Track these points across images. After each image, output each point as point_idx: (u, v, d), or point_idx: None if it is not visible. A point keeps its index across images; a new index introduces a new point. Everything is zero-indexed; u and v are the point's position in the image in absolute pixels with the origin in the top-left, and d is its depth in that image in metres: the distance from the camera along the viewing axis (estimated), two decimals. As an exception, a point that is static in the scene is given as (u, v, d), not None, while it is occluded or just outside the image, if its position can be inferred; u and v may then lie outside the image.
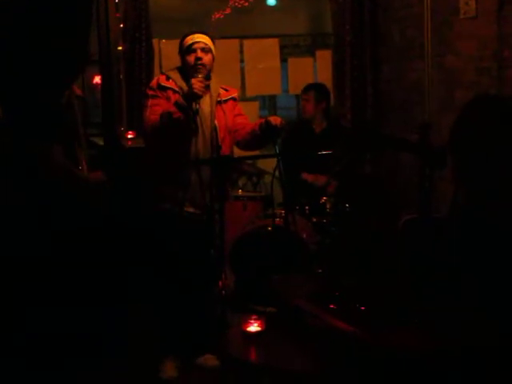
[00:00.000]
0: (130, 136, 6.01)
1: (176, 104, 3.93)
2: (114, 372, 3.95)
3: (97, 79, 6.46)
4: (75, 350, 2.91)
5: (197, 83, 3.91)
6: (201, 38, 4.12)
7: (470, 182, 2.76)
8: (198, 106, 4.01)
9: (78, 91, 3.16)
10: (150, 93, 4.13)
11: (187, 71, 4.13)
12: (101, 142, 5.76)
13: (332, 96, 6.56)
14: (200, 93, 3.92)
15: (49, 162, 2.57)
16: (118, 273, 4.11)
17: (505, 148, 2.70)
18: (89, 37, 2.71)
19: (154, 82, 4.20)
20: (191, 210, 4.13)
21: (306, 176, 5.73)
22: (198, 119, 4.06)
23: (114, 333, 3.90)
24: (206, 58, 4.10)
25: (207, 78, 4.10)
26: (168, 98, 4.07)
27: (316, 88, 5.94)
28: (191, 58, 4.09)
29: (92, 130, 5.87)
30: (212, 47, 4.15)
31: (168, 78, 4.16)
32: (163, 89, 4.11)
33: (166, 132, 3.96)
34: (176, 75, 4.17)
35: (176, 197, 4.08)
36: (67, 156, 2.74)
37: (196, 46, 4.10)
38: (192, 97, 3.92)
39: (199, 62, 4.07)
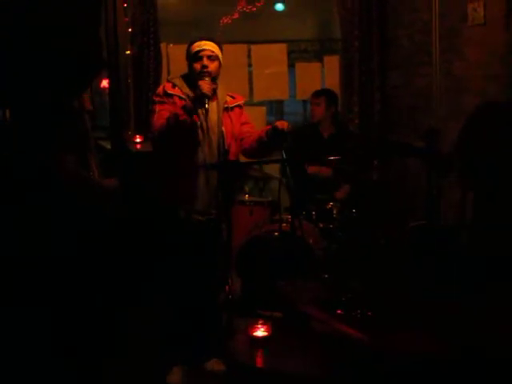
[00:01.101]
0: (137, 140, 6.01)
1: (183, 108, 3.93)
2: (117, 374, 3.93)
3: (104, 83, 6.47)
4: (76, 349, 2.90)
5: (205, 84, 3.92)
6: (208, 46, 4.11)
7: (477, 187, 2.76)
8: (207, 106, 4.01)
9: (89, 106, 3.15)
10: (157, 99, 4.14)
11: (193, 78, 4.12)
12: (108, 146, 5.77)
13: (339, 101, 6.57)
14: (209, 93, 3.92)
15: (59, 167, 2.57)
16: (123, 275, 4.10)
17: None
18: (98, 40, 2.71)
19: (160, 90, 4.20)
20: (198, 215, 4.13)
21: (309, 169, 5.75)
22: (205, 126, 4.07)
23: (116, 333, 3.89)
24: (212, 66, 4.09)
25: (213, 82, 4.10)
26: (174, 104, 4.08)
27: (327, 93, 5.97)
28: (197, 66, 4.09)
29: (99, 134, 5.88)
30: (219, 54, 4.14)
31: (174, 86, 4.15)
32: (169, 96, 4.11)
33: (172, 134, 3.96)
34: (181, 83, 4.17)
35: (183, 202, 4.09)
36: (80, 163, 2.73)
37: (202, 53, 4.09)
38: (201, 98, 3.92)
39: (205, 70, 4.07)
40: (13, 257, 2.44)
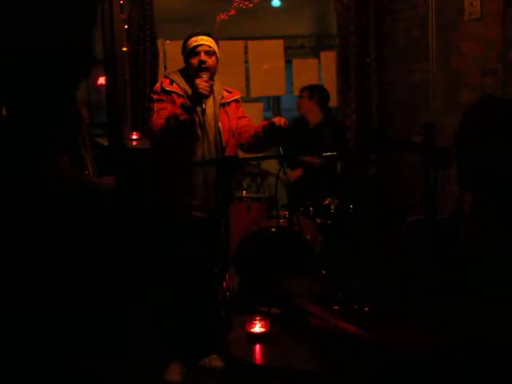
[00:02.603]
0: (134, 137, 6.01)
1: (182, 106, 3.91)
2: (116, 373, 3.94)
3: (101, 80, 6.47)
4: (78, 350, 2.91)
5: (201, 83, 3.90)
6: (205, 41, 4.09)
7: (474, 184, 2.75)
8: (204, 105, 4.01)
9: (86, 118, 3.13)
10: (155, 97, 4.11)
11: (191, 73, 4.11)
12: (105, 143, 5.77)
13: (336, 97, 6.59)
14: (206, 92, 3.91)
15: (52, 166, 2.56)
16: (122, 274, 4.11)
17: (509, 150, 2.69)
18: (92, 38, 2.71)
19: (157, 86, 4.17)
20: (196, 211, 4.13)
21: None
22: (202, 122, 4.06)
23: (115, 333, 3.89)
24: (210, 61, 4.08)
25: (211, 78, 4.09)
26: (173, 102, 4.06)
27: (309, 87, 6.16)
28: (195, 61, 4.07)
29: (96, 131, 5.88)
30: (216, 49, 4.13)
31: (172, 82, 4.14)
32: (168, 93, 4.10)
33: (173, 134, 3.94)
34: (179, 78, 4.15)
35: (181, 199, 4.08)
36: (74, 160, 2.73)
37: (200, 48, 4.07)
38: (198, 97, 3.91)
39: (203, 66, 4.05)
40: (7, 256, 2.44)
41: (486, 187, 2.79)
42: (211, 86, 4.05)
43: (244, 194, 5.81)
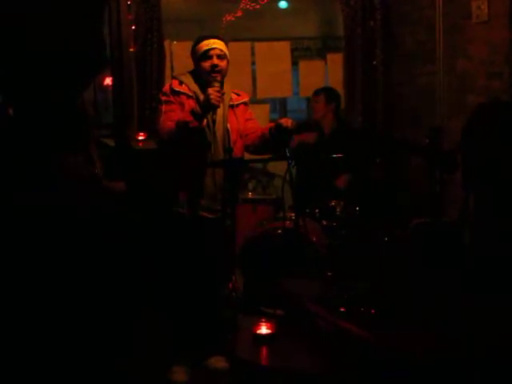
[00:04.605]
0: (140, 137, 6.01)
1: (192, 113, 3.91)
2: (123, 373, 3.94)
3: (108, 81, 6.47)
4: (84, 350, 2.91)
5: (214, 93, 3.88)
6: (217, 44, 4.09)
7: (479, 186, 2.76)
8: (215, 116, 4.02)
9: (92, 111, 3.14)
10: (164, 98, 4.11)
11: (202, 76, 4.11)
12: (111, 144, 5.78)
13: (343, 99, 6.57)
14: (217, 103, 3.91)
15: (60, 167, 2.56)
16: (128, 275, 4.11)
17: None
18: (101, 39, 2.71)
19: (166, 87, 4.17)
20: (204, 212, 4.13)
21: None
22: (211, 123, 4.07)
23: (123, 332, 3.89)
24: (222, 65, 4.08)
25: (221, 81, 4.09)
26: (181, 103, 4.06)
27: (326, 90, 5.98)
28: (207, 65, 4.07)
29: (103, 131, 5.89)
30: (227, 52, 4.14)
31: (181, 83, 4.14)
32: (176, 94, 4.09)
33: (182, 141, 3.95)
34: (189, 79, 4.16)
35: (189, 200, 4.09)
36: (88, 163, 2.73)
37: (212, 52, 4.07)
38: (209, 107, 3.91)
39: (216, 69, 4.05)
40: (13, 255, 2.44)
41: (490, 189, 2.80)
42: (222, 94, 4.04)
43: (250, 196, 5.82)
